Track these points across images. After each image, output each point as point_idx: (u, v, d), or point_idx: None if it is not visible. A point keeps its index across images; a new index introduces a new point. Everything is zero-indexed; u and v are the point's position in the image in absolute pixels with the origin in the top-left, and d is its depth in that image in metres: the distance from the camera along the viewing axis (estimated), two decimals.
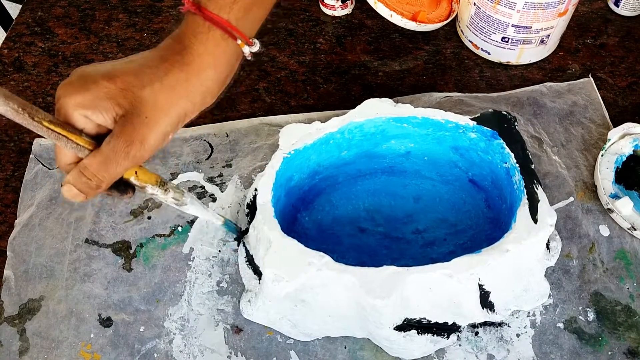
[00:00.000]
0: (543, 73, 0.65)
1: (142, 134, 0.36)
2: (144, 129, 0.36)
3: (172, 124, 0.37)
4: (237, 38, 0.38)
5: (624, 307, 0.49)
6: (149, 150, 0.37)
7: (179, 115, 0.38)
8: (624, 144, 0.55)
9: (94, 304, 0.50)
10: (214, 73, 0.38)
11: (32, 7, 0.73)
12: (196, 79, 0.38)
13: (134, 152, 0.36)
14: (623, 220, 0.52)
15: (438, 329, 0.45)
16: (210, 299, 0.50)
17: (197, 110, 0.39)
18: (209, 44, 0.38)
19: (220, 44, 0.38)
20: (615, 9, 0.70)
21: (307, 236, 0.52)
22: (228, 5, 0.38)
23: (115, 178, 0.37)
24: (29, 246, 0.53)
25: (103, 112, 0.35)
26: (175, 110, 0.37)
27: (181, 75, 0.37)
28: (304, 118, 0.61)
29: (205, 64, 0.38)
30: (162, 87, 0.36)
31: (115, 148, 0.35)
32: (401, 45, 0.68)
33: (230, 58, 0.39)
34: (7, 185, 0.58)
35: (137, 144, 0.36)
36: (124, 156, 0.36)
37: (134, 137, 0.36)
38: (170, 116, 0.37)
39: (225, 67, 0.39)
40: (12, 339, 0.48)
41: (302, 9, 0.72)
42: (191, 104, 0.38)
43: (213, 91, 0.39)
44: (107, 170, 0.36)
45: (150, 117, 0.36)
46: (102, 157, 0.36)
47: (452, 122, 0.50)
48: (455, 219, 0.53)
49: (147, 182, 0.40)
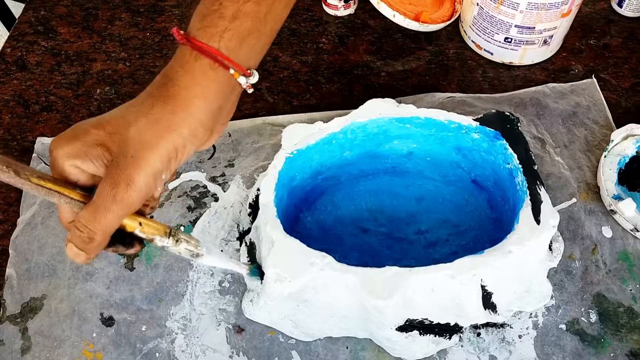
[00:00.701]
0: (546, 74, 0.65)
1: (128, 174, 0.33)
2: (130, 168, 0.33)
3: (161, 161, 0.34)
4: (230, 67, 0.36)
5: (626, 309, 0.49)
6: (138, 191, 0.34)
7: (168, 150, 0.35)
8: (627, 145, 0.55)
9: (96, 303, 0.50)
10: (203, 104, 0.36)
11: (35, 6, 0.73)
12: (183, 111, 0.35)
13: (121, 195, 0.33)
14: (626, 222, 0.52)
15: (440, 329, 0.45)
16: (213, 298, 0.50)
17: (189, 146, 0.36)
18: (195, 74, 0.35)
19: (209, 74, 0.35)
20: (618, 9, 0.70)
21: (309, 236, 0.52)
22: (218, 34, 0.35)
23: (109, 227, 0.34)
24: (31, 245, 0.53)
25: (93, 160, 0.34)
26: (164, 145, 0.34)
27: (166, 107, 0.35)
28: (307, 118, 0.61)
29: (192, 94, 0.35)
30: (147, 122, 0.34)
31: (101, 193, 0.33)
32: (404, 46, 0.68)
33: (222, 88, 0.36)
34: None
35: (123, 185, 0.33)
36: (111, 200, 0.33)
37: (119, 178, 0.33)
38: (158, 153, 0.34)
39: (216, 97, 0.36)
40: (14, 338, 0.48)
41: (305, 9, 0.72)
42: (181, 138, 0.35)
43: (204, 123, 0.36)
44: (97, 220, 0.33)
45: (137, 155, 0.34)
46: (92, 206, 0.33)
47: (455, 123, 0.50)
48: (457, 219, 0.53)
49: (154, 234, 0.37)
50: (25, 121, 0.62)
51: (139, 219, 0.36)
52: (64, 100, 0.64)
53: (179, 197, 0.56)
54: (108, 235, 0.34)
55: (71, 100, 0.64)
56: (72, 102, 0.64)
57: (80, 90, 0.65)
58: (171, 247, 0.38)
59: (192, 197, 0.56)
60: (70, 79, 0.66)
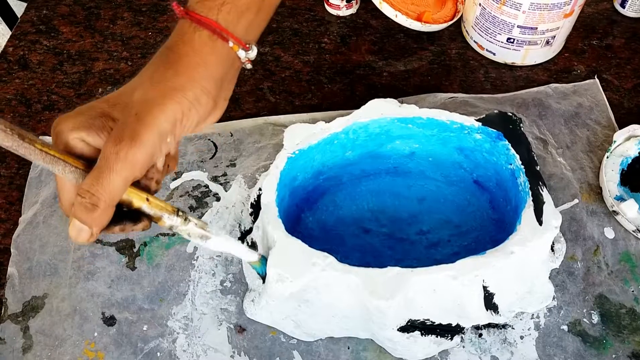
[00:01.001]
0: (548, 74, 0.65)
1: (132, 129, 0.32)
2: (134, 124, 0.32)
3: (167, 120, 0.33)
4: (228, 40, 0.36)
5: (628, 310, 0.49)
6: (144, 149, 0.32)
7: (174, 111, 0.34)
8: (630, 146, 0.55)
9: (97, 302, 0.50)
10: (205, 71, 0.35)
11: (37, 6, 0.73)
12: (185, 75, 0.35)
13: (125, 151, 0.31)
14: (628, 223, 0.52)
15: (442, 330, 0.45)
16: (214, 298, 0.50)
17: (193, 111, 0.35)
18: (195, 45, 0.35)
19: (208, 44, 0.36)
20: (621, 10, 0.70)
21: (311, 236, 0.52)
22: (216, 7, 0.36)
23: (114, 191, 0.32)
24: (32, 244, 0.53)
25: (98, 132, 0.33)
26: (169, 104, 0.34)
27: (169, 72, 0.35)
28: (309, 118, 0.60)
29: (194, 62, 0.35)
30: (152, 83, 0.34)
31: (104, 153, 0.31)
32: (406, 46, 0.68)
33: (222, 60, 0.37)
34: (12, 182, 0.58)
35: (127, 140, 0.31)
36: (114, 158, 0.31)
37: (123, 134, 0.32)
38: (164, 111, 0.33)
39: (217, 67, 0.36)
40: (15, 337, 0.48)
41: (307, 9, 0.72)
42: (186, 100, 0.34)
43: (208, 91, 0.36)
44: (100, 182, 0.31)
45: (141, 112, 0.33)
46: (95, 170, 0.32)
47: (457, 123, 0.50)
48: (459, 220, 0.53)
49: (162, 210, 0.35)
50: (27, 120, 0.62)
51: (146, 195, 0.34)
52: (66, 99, 0.64)
53: (180, 196, 0.56)
54: (112, 202, 0.32)
55: (73, 100, 0.64)
56: (74, 101, 0.64)
57: (82, 90, 0.65)
58: (180, 227, 0.36)
59: (194, 196, 0.56)
60: (72, 78, 0.66)
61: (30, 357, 0.47)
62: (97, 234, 0.33)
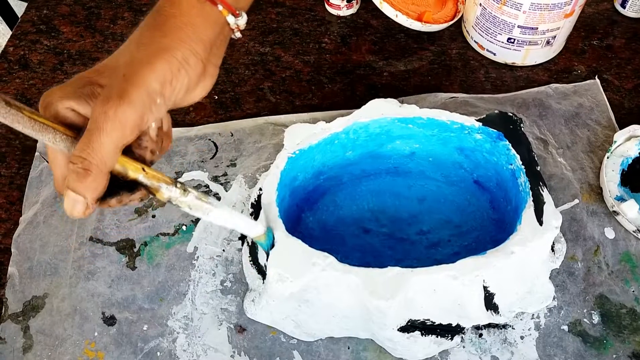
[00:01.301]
0: (549, 74, 0.65)
1: (120, 88, 0.31)
2: (122, 84, 0.31)
3: (157, 80, 0.32)
4: (217, 4, 0.35)
5: (629, 310, 0.49)
6: (133, 106, 0.31)
7: (164, 70, 0.33)
8: (630, 147, 0.55)
9: (97, 302, 0.50)
10: (193, 32, 0.34)
11: (37, 5, 0.73)
12: (173, 35, 0.34)
13: (113, 110, 0.30)
14: (628, 223, 0.52)
15: (442, 330, 0.45)
16: (214, 298, 0.50)
17: (183, 72, 0.34)
18: (183, 6, 0.34)
19: (196, 6, 0.35)
20: (621, 10, 0.70)
21: (311, 236, 0.52)
22: None
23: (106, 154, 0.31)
24: (33, 243, 0.53)
25: (87, 99, 0.32)
26: (158, 64, 0.33)
27: (156, 33, 0.34)
28: (309, 118, 0.60)
29: (181, 22, 0.34)
30: (138, 45, 0.33)
31: (93, 116, 0.31)
32: (406, 46, 0.68)
33: (211, 23, 0.36)
34: (12, 182, 0.58)
35: (115, 99, 0.31)
36: (103, 118, 0.30)
37: (111, 94, 0.31)
38: (152, 70, 0.32)
39: (205, 30, 0.35)
40: (15, 336, 0.48)
41: (307, 9, 0.72)
42: (175, 60, 0.33)
43: (196, 52, 0.35)
44: (91, 145, 0.30)
45: (128, 72, 0.32)
46: (86, 134, 0.31)
47: (457, 123, 0.50)
48: (460, 220, 0.53)
49: (159, 181, 0.34)
50: None
51: (141, 165, 0.33)
52: None
53: None
54: (105, 166, 0.31)
55: None
56: None
57: None
58: (179, 198, 0.34)
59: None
60: None
61: (31, 357, 0.47)
62: (93, 204, 0.32)
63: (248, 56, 0.67)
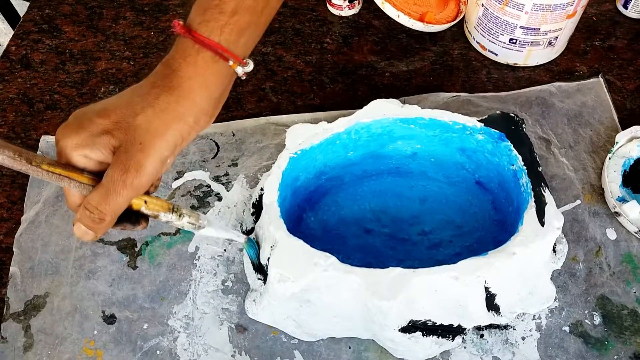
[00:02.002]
0: (551, 75, 0.65)
1: (138, 160, 0.35)
2: (139, 155, 0.35)
3: (168, 148, 0.37)
4: (229, 59, 0.38)
5: (630, 312, 0.49)
6: (147, 176, 0.36)
7: (175, 138, 0.37)
8: (632, 147, 0.55)
9: (98, 300, 0.50)
10: (206, 93, 0.38)
11: (39, 5, 0.73)
12: (187, 101, 0.37)
13: (130, 180, 0.35)
14: (630, 224, 0.52)
15: (443, 331, 0.45)
16: (215, 297, 0.50)
17: (193, 133, 0.38)
18: (198, 66, 0.37)
19: (211, 66, 0.38)
20: (624, 11, 0.70)
21: (312, 236, 0.52)
22: (219, 28, 0.37)
23: (119, 209, 0.36)
24: (35, 243, 0.53)
25: (101, 149, 0.35)
26: (171, 133, 0.37)
27: (171, 98, 0.37)
28: (311, 118, 0.60)
29: (196, 84, 0.37)
30: (155, 111, 0.36)
31: (112, 178, 0.35)
32: (408, 46, 0.68)
33: (223, 79, 0.39)
34: (14, 182, 0.58)
35: (133, 171, 0.35)
36: (121, 185, 0.35)
37: (129, 164, 0.35)
38: (166, 140, 0.36)
39: (217, 87, 0.39)
40: (17, 335, 0.48)
41: (309, 9, 0.72)
42: (186, 126, 0.37)
43: (207, 111, 0.39)
44: (108, 202, 0.35)
45: (145, 142, 0.36)
46: (102, 189, 0.35)
47: (459, 124, 0.50)
48: (461, 220, 0.53)
49: (158, 211, 0.39)
50: (29, 119, 0.62)
51: (144, 198, 0.38)
52: (68, 98, 0.64)
53: (182, 196, 0.56)
54: (117, 216, 0.36)
55: (75, 99, 0.64)
56: (77, 100, 0.64)
57: (84, 89, 0.65)
58: (175, 222, 0.40)
59: (196, 196, 0.56)
60: (74, 78, 0.66)
61: (31, 356, 0.47)
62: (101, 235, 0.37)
63: (250, 56, 0.67)
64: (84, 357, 0.47)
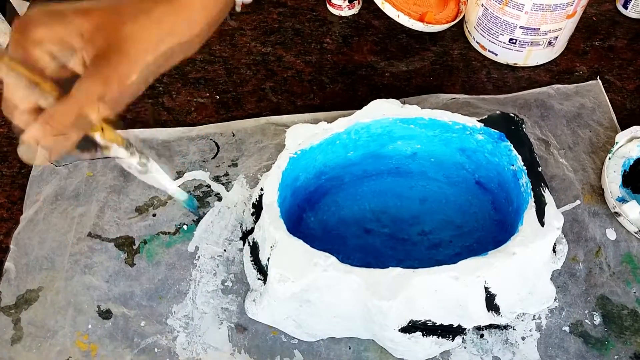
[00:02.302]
0: (550, 75, 0.65)
1: (123, 71, 0.31)
2: (125, 66, 0.31)
3: (156, 64, 0.33)
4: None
5: (630, 312, 0.49)
6: (129, 94, 0.32)
7: (166, 53, 0.33)
8: (632, 148, 0.55)
9: (93, 295, 0.50)
10: (203, 13, 0.35)
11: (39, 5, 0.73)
12: (185, 16, 0.34)
13: (111, 95, 0.30)
14: (630, 224, 0.52)
15: (443, 331, 0.45)
16: (215, 297, 0.50)
17: (182, 55, 0.34)
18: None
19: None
20: (623, 11, 0.70)
21: (312, 236, 0.52)
22: None
23: (88, 129, 0.31)
24: (32, 240, 0.53)
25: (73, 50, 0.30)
26: (162, 49, 0.33)
27: (169, 9, 0.33)
28: (310, 118, 0.60)
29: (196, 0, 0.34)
30: (150, 20, 0.32)
31: (89, 90, 0.30)
32: (408, 46, 0.68)
33: (220, 3, 0.36)
34: (14, 182, 0.58)
35: (115, 85, 0.30)
36: (98, 99, 0.30)
37: (112, 75, 0.30)
38: (155, 55, 0.32)
39: (215, 6, 0.35)
40: (5, 328, 0.48)
41: (309, 9, 0.72)
42: (178, 42, 0.33)
43: (201, 34, 0.35)
44: (78, 119, 0.30)
45: (134, 54, 0.31)
46: (73, 102, 0.30)
47: (459, 124, 0.50)
48: (461, 220, 0.53)
49: (113, 142, 0.35)
50: None
51: (101, 124, 0.33)
52: None
53: None
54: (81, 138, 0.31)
55: None
56: None
57: None
58: (125, 158, 0.36)
59: (196, 196, 0.56)
60: None
61: (19, 348, 0.47)
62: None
63: (250, 56, 0.67)
64: (77, 351, 0.47)
